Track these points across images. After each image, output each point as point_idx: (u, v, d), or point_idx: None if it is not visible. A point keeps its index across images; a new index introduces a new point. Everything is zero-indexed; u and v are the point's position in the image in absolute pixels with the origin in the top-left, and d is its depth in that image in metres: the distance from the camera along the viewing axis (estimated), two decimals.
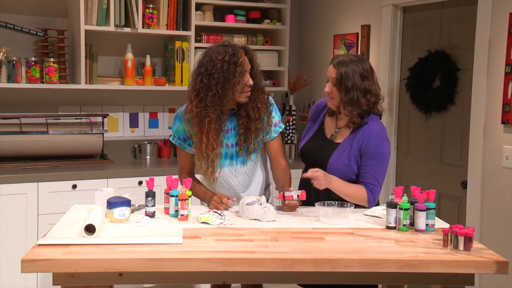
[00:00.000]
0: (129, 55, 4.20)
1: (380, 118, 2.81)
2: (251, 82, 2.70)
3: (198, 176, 2.93)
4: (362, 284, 2.42)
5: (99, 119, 4.30)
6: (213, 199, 2.73)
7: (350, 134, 2.75)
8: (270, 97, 2.88)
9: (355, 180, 2.75)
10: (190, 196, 2.56)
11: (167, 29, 4.25)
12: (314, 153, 2.84)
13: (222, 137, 2.76)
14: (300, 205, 2.73)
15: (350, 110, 2.69)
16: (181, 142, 2.86)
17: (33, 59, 3.94)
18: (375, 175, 2.70)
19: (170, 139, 2.92)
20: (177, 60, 4.32)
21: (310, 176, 2.64)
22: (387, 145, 2.73)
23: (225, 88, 2.65)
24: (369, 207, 2.73)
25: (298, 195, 2.65)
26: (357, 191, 2.69)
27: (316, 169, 2.66)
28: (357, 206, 2.70)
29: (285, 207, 2.70)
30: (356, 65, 2.69)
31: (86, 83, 4.04)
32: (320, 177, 2.63)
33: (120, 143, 4.47)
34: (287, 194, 2.67)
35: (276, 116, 2.87)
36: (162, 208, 2.66)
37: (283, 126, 2.92)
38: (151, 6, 4.18)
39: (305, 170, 2.75)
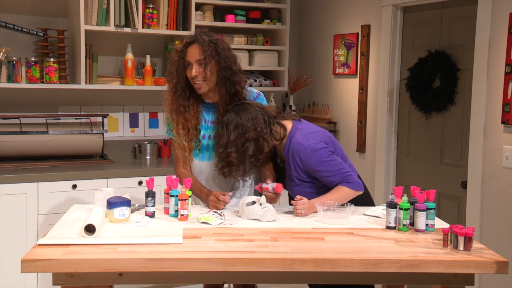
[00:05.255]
0: (129, 55, 4.20)
1: (300, 120, 2.81)
2: (192, 74, 2.69)
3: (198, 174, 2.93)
4: (358, 284, 2.42)
5: (99, 119, 4.30)
6: (210, 200, 2.71)
7: (285, 155, 2.77)
8: (253, 91, 2.87)
9: (315, 191, 2.75)
10: (190, 196, 2.56)
11: (167, 29, 4.24)
12: (281, 181, 2.89)
13: (200, 118, 2.80)
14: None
15: (236, 164, 2.71)
16: (172, 133, 2.88)
17: (33, 59, 3.94)
18: (336, 172, 2.68)
19: (165, 133, 2.94)
20: None
21: (294, 204, 2.67)
22: (318, 146, 2.68)
23: (179, 78, 2.72)
24: (361, 190, 2.71)
25: (273, 188, 2.67)
26: (340, 193, 2.67)
27: (301, 197, 2.67)
28: (357, 204, 2.71)
29: None
30: (221, 125, 2.69)
31: (86, 83, 4.04)
32: (305, 206, 2.65)
33: (120, 143, 4.47)
34: (264, 185, 2.70)
35: None
36: (162, 208, 2.66)
37: None
38: (151, 6, 4.18)
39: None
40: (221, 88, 2.73)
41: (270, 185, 2.69)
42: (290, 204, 2.75)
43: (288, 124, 2.76)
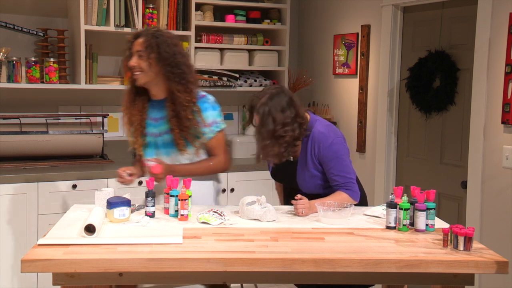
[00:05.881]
0: None
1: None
2: (130, 63, 2.74)
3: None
4: (355, 284, 2.42)
5: (99, 119, 4.30)
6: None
7: (302, 146, 2.78)
8: (204, 95, 2.85)
9: (324, 185, 2.77)
10: (190, 196, 2.56)
11: (167, 29, 4.24)
12: (283, 177, 2.90)
13: (146, 114, 2.85)
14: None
15: (285, 146, 2.70)
16: None
17: (33, 59, 3.94)
18: (342, 173, 2.72)
19: None
20: None
21: (294, 203, 2.66)
22: (337, 141, 2.73)
23: (126, 70, 2.81)
24: (357, 200, 2.74)
25: (151, 166, 2.70)
26: (338, 198, 2.69)
27: (301, 197, 2.67)
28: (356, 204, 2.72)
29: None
30: (270, 103, 2.65)
31: (86, 83, 4.04)
32: (305, 206, 2.65)
33: (120, 143, 4.46)
34: (147, 162, 2.74)
35: (211, 116, 2.82)
36: (162, 208, 2.66)
37: (221, 125, 2.86)
38: (151, 6, 4.18)
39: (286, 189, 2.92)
40: (165, 82, 2.75)
41: (151, 162, 2.72)
42: (289, 204, 2.75)
43: (307, 115, 2.79)
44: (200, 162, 2.85)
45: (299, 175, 2.80)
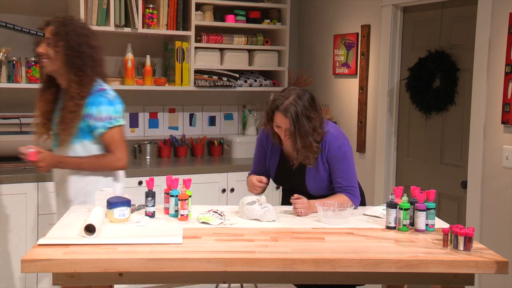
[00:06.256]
0: (129, 55, 4.20)
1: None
2: (39, 50, 2.73)
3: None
4: (349, 284, 2.42)
5: None
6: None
7: None
8: (104, 89, 2.79)
9: (332, 186, 2.78)
10: (190, 196, 2.56)
11: (167, 29, 4.25)
12: (288, 181, 2.88)
13: (53, 105, 2.84)
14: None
15: (308, 154, 2.70)
16: None
17: (33, 59, 3.94)
18: (347, 176, 2.75)
19: None
20: (177, 60, 4.32)
21: (293, 202, 2.66)
22: (346, 143, 2.78)
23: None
24: (357, 206, 2.77)
25: (28, 152, 2.68)
26: (339, 200, 2.70)
27: (298, 196, 2.66)
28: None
29: None
30: (300, 102, 2.64)
31: None
32: (305, 205, 2.64)
33: None
34: (26, 149, 2.70)
35: (106, 111, 2.74)
36: (162, 208, 2.66)
37: (116, 122, 2.78)
38: (151, 6, 4.18)
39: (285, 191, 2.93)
40: (66, 71, 2.71)
41: (29, 150, 2.69)
42: (289, 204, 2.75)
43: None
44: (91, 156, 2.76)
45: (309, 176, 2.79)
